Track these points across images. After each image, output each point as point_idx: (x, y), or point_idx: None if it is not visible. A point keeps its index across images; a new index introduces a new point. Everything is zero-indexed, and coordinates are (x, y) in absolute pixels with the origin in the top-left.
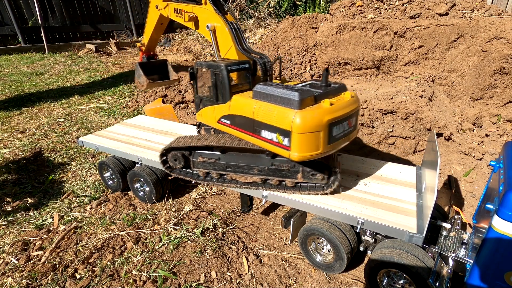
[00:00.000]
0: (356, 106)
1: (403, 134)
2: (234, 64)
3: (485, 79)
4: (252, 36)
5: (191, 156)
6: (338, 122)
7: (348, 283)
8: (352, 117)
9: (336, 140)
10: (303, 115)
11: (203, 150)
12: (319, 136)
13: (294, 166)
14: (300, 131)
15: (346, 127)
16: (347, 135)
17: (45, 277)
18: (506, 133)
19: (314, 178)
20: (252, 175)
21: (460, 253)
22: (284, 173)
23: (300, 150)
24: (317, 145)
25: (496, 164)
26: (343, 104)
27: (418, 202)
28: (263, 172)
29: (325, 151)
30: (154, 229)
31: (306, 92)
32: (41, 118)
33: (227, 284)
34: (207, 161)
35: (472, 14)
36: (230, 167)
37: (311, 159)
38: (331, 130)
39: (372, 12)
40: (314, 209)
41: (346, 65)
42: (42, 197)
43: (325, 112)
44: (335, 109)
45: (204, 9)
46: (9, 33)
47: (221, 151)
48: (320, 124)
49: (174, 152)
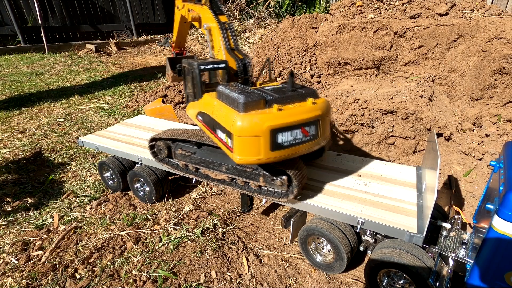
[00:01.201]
0: (316, 114)
1: (403, 134)
2: (207, 63)
3: (485, 79)
4: (252, 36)
5: (173, 148)
6: (285, 130)
7: (348, 283)
8: (309, 125)
9: (284, 148)
10: (243, 118)
11: (183, 143)
12: (259, 141)
13: (257, 169)
14: (238, 134)
15: (299, 136)
16: (302, 144)
17: (45, 277)
18: (506, 133)
19: (274, 184)
20: (221, 173)
21: (460, 253)
22: (248, 174)
23: (240, 153)
24: (258, 150)
25: (496, 164)
26: (295, 111)
27: (418, 202)
28: (230, 171)
29: (269, 157)
30: (154, 229)
31: (256, 95)
32: (41, 118)
33: (227, 284)
34: (185, 153)
35: (472, 14)
36: (203, 162)
37: (254, 163)
38: (275, 137)
39: (372, 12)
40: (314, 209)
41: (346, 65)
42: (42, 197)
43: (267, 118)
44: (281, 115)
45: (202, 9)
46: (9, 33)
47: (197, 146)
48: (259, 129)
49: (159, 142)
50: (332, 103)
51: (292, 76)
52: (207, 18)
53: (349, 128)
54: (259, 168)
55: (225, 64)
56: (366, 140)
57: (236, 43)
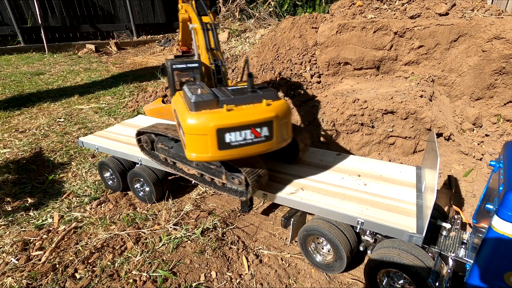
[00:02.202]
0: (268, 116)
1: (403, 134)
2: (181, 63)
3: (485, 79)
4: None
5: (155, 142)
6: (233, 130)
7: (348, 283)
8: (261, 127)
9: (232, 147)
10: (192, 117)
11: (163, 138)
12: (206, 140)
13: (220, 167)
14: (188, 132)
15: (249, 136)
16: (253, 145)
17: (45, 277)
18: (506, 133)
19: (233, 182)
20: (192, 168)
21: (460, 253)
22: (213, 171)
23: (191, 150)
24: (206, 148)
25: (496, 164)
26: (246, 112)
27: (418, 202)
28: (199, 167)
29: (216, 156)
30: (154, 229)
31: (209, 96)
32: (41, 118)
33: (227, 284)
34: (164, 147)
35: (472, 14)
36: (178, 157)
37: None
38: (222, 136)
39: (372, 12)
40: (314, 209)
41: (346, 65)
42: (42, 197)
43: (215, 117)
44: (229, 115)
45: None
46: (9, 33)
47: (174, 141)
48: (205, 128)
49: (144, 135)
50: (332, 103)
51: (251, 77)
52: (193, 19)
53: (349, 128)
54: (222, 166)
55: (199, 64)
56: (366, 140)
57: (216, 43)
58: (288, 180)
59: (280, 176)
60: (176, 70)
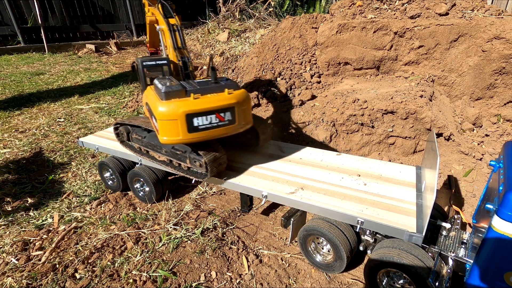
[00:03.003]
0: (231, 102)
1: (403, 134)
2: (150, 60)
3: (485, 79)
4: (252, 36)
5: (131, 132)
6: (200, 115)
7: (348, 283)
8: (224, 112)
9: (200, 130)
10: (163, 105)
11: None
12: (177, 124)
13: (185, 152)
14: (160, 118)
15: (214, 120)
16: (218, 128)
17: (45, 277)
18: (506, 133)
19: (196, 165)
20: (162, 155)
21: (459, 253)
22: (179, 156)
23: (163, 134)
24: (177, 132)
25: (496, 164)
26: (210, 99)
27: (418, 201)
28: (168, 153)
29: (186, 138)
30: (154, 229)
31: (177, 87)
32: (41, 118)
33: (227, 284)
34: (138, 137)
35: (472, 14)
36: (150, 145)
37: (175, 143)
38: (191, 121)
39: (372, 12)
40: (313, 209)
41: (346, 65)
42: (42, 197)
43: (183, 104)
44: (196, 102)
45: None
46: (9, 33)
47: (147, 131)
48: (176, 114)
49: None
50: (332, 103)
51: (214, 71)
52: (160, 21)
53: (349, 128)
54: (187, 151)
55: (167, 61)
56: (366, 140)
57: (182, 42)
58: (286, 180)
59: (281, 176)
60: (146, 67)
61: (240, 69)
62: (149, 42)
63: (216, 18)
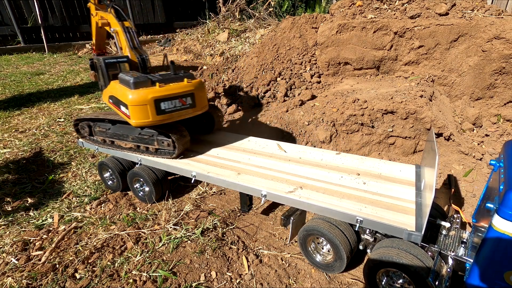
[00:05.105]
0: (190, 89)
1: (403, 134)
2: (112, 58)
3: (485, 79)
4: (252, 36)
5: (93, 127)
6: (166, 99)
7: (348, 283)
8: (185, 97)
9: (167, 113)
10: (133, 93)
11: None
12: (146, 108)
13: (152, 136)
14: (131, 104)
15: (178, 104)
16: (181, 110)
17: (45, 277)
18: (506, 133)
19: (164, 145)
20: (129, 142)
21: (459, 252)
22: (147, 140)
23: (134, 118)
24: (147, 115)
25: (496, 163)
26: (173, 87)
27: (417, 200)
28: (135, 140)
29: (156, 119)
30: (154, 229)
31: (144, 78)
32: (41, 118)
33: (227, 284)
34: (102, 130)
35: (472, 14)
36: (116, 136)
37: (146, 125)
38: (158, 105)
39: (372, 12)
40: (312, 208)
41: (346, 65)
42: (42, 197)
43: (151, 92)
44: (162, 90)
45: (109, 16)
46: (9, 33)
47: (112, 124)
48: (145, 99)
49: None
50: (332, 103)
51: (173, 64)
52: (114, 24)
53: (349, 128)
54: (154, 134)
55: (127, 59)
56: (366, 140)
57: (137, 42)
58: (286, 179)
59: (281, 175)
60: (107, 64)
61: (240, 69)
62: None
63: (216, 18)
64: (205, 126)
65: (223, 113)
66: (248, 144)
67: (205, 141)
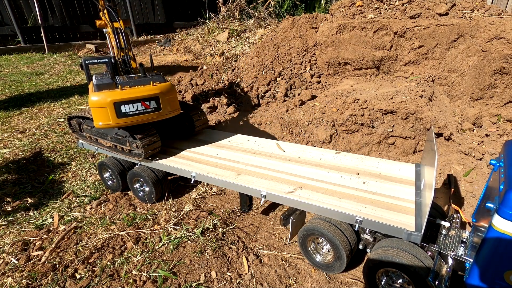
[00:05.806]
0: (154, 93)
1: (403, 134)
2: (92, 58)
3: (485, 79)
4: (252, 36)
5: (82, 124)
6: (127, 103)
7: (348, 283)
8: (149, 100)
9: (128, 116)
10: (94, 95)
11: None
12: (106, 111)
13: (125, 137)
14: (92, 106)
15: (141, 108)
16: (145, 114)
17: (45, 277)
18: (506, 133)
19: (133, 147)
20: (108, 141)
21: (459, 251)
22: (121, 141)
23: (97, 119)
24: (107, 117)
25: (496, 163)
26: (136, 90)
27: (417, 200)
28: (113, 139)
29: (116, 123)
30: (154, 229)
31: (107, 80)
32: (41, 118)
33: (227, 284)
34: (88, 127)
35: (472, 14)
36: (98, 134)
37: (107, 127)
38: (119, 108)
39: (372, 12)
40: (312, 208)
41: (346, 65)
42: (42, 197)
43: (111, 94)
44: (121, 93)
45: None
46: (9, 33)
47: None
48: (104, 102)
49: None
50: (332, 103)
51: (142, 66)
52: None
53: (349, 128)
54: (126, 136)
55: (108, 59)
56: (366, 140)
57: (125, 43)
58: (285, 179)
59: (280, 175)
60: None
61: (240, 69)
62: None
63: (216, 18)
64: (187, 128)
65: (223, 113)
66: (248, 144)
67: (204, 141)
